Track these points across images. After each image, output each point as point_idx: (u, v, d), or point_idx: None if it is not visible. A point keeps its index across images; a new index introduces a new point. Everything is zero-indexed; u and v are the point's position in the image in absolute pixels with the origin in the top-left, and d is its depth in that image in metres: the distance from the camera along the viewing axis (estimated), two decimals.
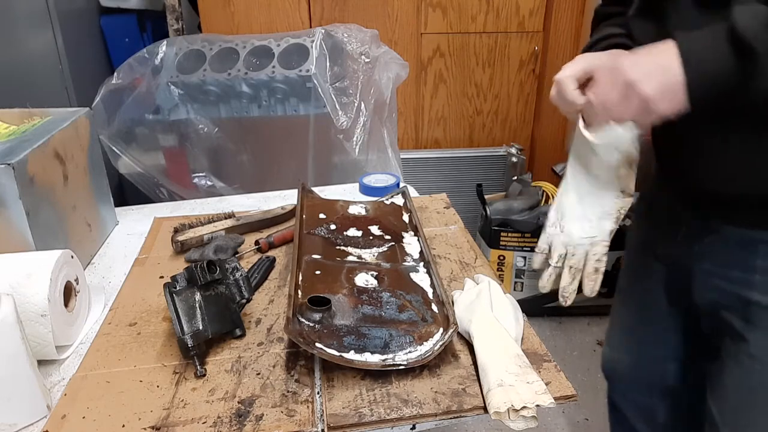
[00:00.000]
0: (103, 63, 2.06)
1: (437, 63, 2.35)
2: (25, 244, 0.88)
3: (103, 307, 0.95)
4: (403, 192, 1.22)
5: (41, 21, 1.71)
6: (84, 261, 1.05)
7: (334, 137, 1.63)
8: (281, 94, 1.65)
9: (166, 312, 0.90)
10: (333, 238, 1.04)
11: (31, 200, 0.88)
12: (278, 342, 0.84)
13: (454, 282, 0.97)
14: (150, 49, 1.68)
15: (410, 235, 1.07)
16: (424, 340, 0.78)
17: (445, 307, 0.83)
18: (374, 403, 0.71)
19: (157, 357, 0.81)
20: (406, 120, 2.43)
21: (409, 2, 2.22)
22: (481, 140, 2.51)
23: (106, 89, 1.63)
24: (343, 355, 0.75)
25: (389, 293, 0.87)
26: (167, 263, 1.06)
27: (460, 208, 1.29)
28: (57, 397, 0.75)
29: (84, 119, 1.09)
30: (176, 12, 2.02)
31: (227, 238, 1.07)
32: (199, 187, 1.72)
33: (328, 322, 0.80)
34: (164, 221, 1.21)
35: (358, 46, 1.69)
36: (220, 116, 1.68)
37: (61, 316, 0.83)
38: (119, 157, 1.65)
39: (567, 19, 2.27)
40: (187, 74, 1.64)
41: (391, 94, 1.68)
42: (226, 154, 1.72)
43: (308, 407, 0.72)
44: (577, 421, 1.81)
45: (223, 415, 0.71)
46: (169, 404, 0.73)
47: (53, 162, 0.97)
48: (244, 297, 0.85)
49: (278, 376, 0.77)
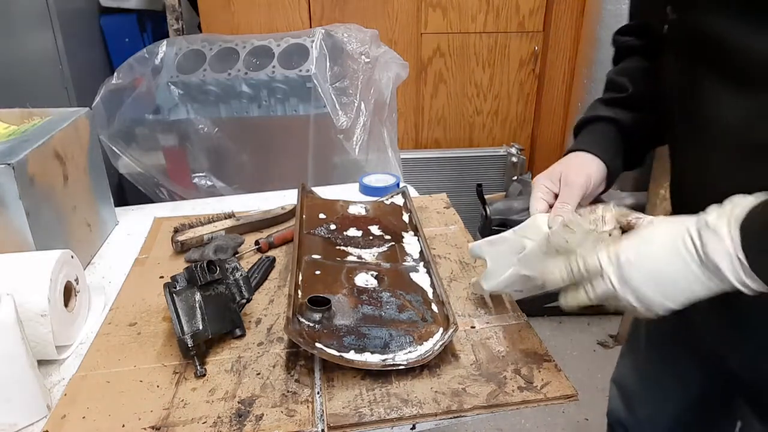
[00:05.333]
0: (103, 63, 2.06)
1: (437, 63, 2.35)
2: (25, 244, 0.88)
3: (103, 307, 0.95)
4: (403, 192, 1.22)
5: (41, 21, 1.71)
6: (84, 261, 1.05)
7: (334, 137, 1.62)
8: (281, 94, 1.65)
9: (166, 312, 0.90)
10: (333, 238, 1.04)
11: (31, 200, 0.88)
12: (278, 342, 0.84)
13: (454, 282, 0.97)
14: (150, 49, 1.68)
15: (410, 235, 1.07)
16: (424, 340, 0.78)
17: (445, 307, 0.83)
18: (374, 403, 0.71)
19: (157, 357, 0.81)
20: (406, 120, 2.43)
21: (409, 2, 2.22)
22: (481, 140, 2.51)
23: (106, 89, 1.63)
24: (343, 355, 0.75)
25: (389, 293, 0.87)
26: (167, 263, 1.06)
27: (460, 208, 1.29)
28: (57, 397, 0.75)
29: (84, 119, 1.09)
30: (176, 12, 2.02)
31: (227, 238, 1.07)
32: (199, 187, 1.72)
33: (328, 322, 0.80)
34: (164, 221, 1.21)
35: (358, 46, 1.69)
36: (220, 116, 1.68)
37: (61, 316, 0.83)
38: (119, 157, 1.65)
39: (567, 19, 2.27)
40: (187, 74, 1.64)
41: (391, 94, 1.68)
42: (226, 154, 1.72)
43: (308, 407, 0.72)
44: (577, 421, 1.82)
45: (223, 415, 0.71)
46: (169, 404, 0.73)
47: (53, 162, 0.97)
48: (244, 297, 0.85)
49: (278, 376, 0.77)
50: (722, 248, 0.53)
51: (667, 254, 0.57)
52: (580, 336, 2.16)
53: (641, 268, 0.59)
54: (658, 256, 0.58)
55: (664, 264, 0.58)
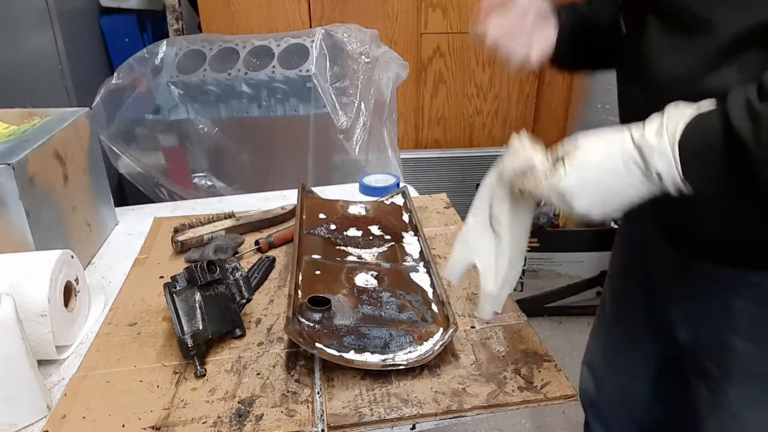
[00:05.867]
0: (103, 63, 2.06)
1: (437, 63, 2.34)
2: (25, 244, 0.88)
3: (103, 307, 0.95)
4: (403, 192, 1.22)
5: (41, 21, 1.71)
6: (84, 261, 1.05)
7: (334, 137, 1.62)
8: (281, 94, 1.65)
9: (166, 312, 0.90)
10: (333, 238, 1.04)
11: (31, 200, 0.88)
12: (278, 342, 0.84)
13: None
14: (150, 49, 1.68)
15: (410, 235, 1.07)
16: (424, 340, 0.78)
17: (445, 307, 0.83)
18: (374, 403, 0.71)
19: (157, 357, 0.81)
20: (406, 120, 2.43)
21: (409, 2, 2.22)
22: (481, 140, 2.51)
23: (106, 89, 1.63)
24: (343, 355, 0.75)
25: (389, 293, 0.87)
26: (167, 263, 1.06)
27: (460, 208, 1.29)
28: (57, 397, 0.75)
29: (84, 119, 1.09)
30: (176, 12, 2.02)
31: (227, 238, 1.07)
32: (199, 187, 1.72)
33: (328, 322, 0.80)
34: (164, 221, 1.21)
35: (358, 46, 1.69)
36: (220, 116, 1.68)
37: (61, 316, 0.83)
38: (119, 157, 1.65)
39: None
40: (187, 74, 1.64)
41: (391, 94, 1.68)
42: (226, 154, 1.72)
43: (308, 407, 0.72)
44: (577, 421, 1.81)
45: (223, 415, 0.71)
46: (169, 404, 0.73)
47: (53, 162, 0.97)
48: (244, 297, 0.85)
49: (278, 376, 0.77)
50: (665, 162, 0.58)
51: (610, 176, 0.61)
52: (580, 336, 2.15)
53: (585, 192, 0.63)
54: (600, 178, 0.62)
55: (608, 184, 0.62)
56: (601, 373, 1.08)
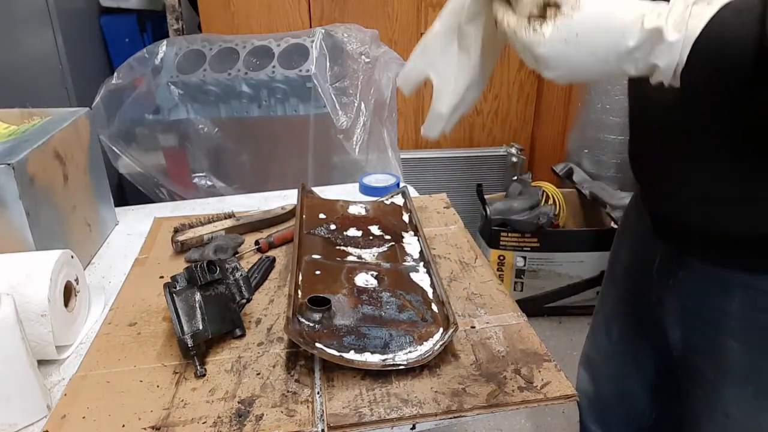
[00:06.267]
0: (103, 63, 2.06)
1: None
2: (25, 244, 0.88)
3: (103, 307, 0.95)
4: (403, 192, 1.22)
5: (41, 21, 1.71)
6: (84, 261, 1.05)
7: (334, 137, 1.63)
8: (281, 94, 1.65)
9: (166, 312, 0.90)
10: (333, 238, 1.04)
11: (31, 200, 0.88)
12: (278, 342, 0.84)
13: (454, 282, 0.97)
14: (150, 49, 1.68)
15: (410, 235, 1.07)
16: (424, 340, 0.78)
17: (445, 307, 0.83)
18: (374, 403, 0.71)
19: (157, 357, 0.81)
20: (406, 120, 2.43)
21: (409, 2, 2.22)
22: (481, 140, 2.51)
23: (106, 89, 1.63)
24: (343, 355, 0.75)
25: (389, 293, 0.87)
26: (167, 263, 1.06)
27: (460, 208, 1.29)
28: (57, 397, 0.75)
29: (84, 119, 1.09)
30: (176, 12, 2.02)
31: (227, 238, 1.07)
32: (199, 187, 1.72)
33: (328, 322, 0.80)
34: (164, 221, 1.21)
35: (358, 46, 1.69)
36: (220, 116, 1.68)
37: (61, 316, 0.83)
38: (119, 157, 1.65)
39: None
40: (187, 74, 1.64)
41: (391, 94, 1.68)
42: (226, 154, 1.72)
43: (308, 407, 0.72)
44: (577, 421, 1.81)
45: (223, 415, 0.71)
46: (169, 404, 0.73)
47: (53, 162, 0.97)
48: (244, 297, 0.85)
49: (278, 376, 0.77)
50: (668, 60, 0.51)
51: (592, 61, 0.54)
52: (580, 336, 2.15)
53: (560, 68, 0.56)
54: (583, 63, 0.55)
55: (588, 68, 0.55)
56: (598, 374, 1.09)
